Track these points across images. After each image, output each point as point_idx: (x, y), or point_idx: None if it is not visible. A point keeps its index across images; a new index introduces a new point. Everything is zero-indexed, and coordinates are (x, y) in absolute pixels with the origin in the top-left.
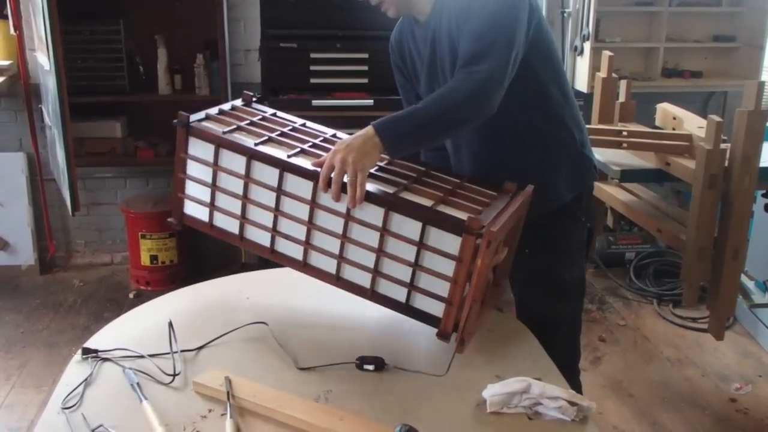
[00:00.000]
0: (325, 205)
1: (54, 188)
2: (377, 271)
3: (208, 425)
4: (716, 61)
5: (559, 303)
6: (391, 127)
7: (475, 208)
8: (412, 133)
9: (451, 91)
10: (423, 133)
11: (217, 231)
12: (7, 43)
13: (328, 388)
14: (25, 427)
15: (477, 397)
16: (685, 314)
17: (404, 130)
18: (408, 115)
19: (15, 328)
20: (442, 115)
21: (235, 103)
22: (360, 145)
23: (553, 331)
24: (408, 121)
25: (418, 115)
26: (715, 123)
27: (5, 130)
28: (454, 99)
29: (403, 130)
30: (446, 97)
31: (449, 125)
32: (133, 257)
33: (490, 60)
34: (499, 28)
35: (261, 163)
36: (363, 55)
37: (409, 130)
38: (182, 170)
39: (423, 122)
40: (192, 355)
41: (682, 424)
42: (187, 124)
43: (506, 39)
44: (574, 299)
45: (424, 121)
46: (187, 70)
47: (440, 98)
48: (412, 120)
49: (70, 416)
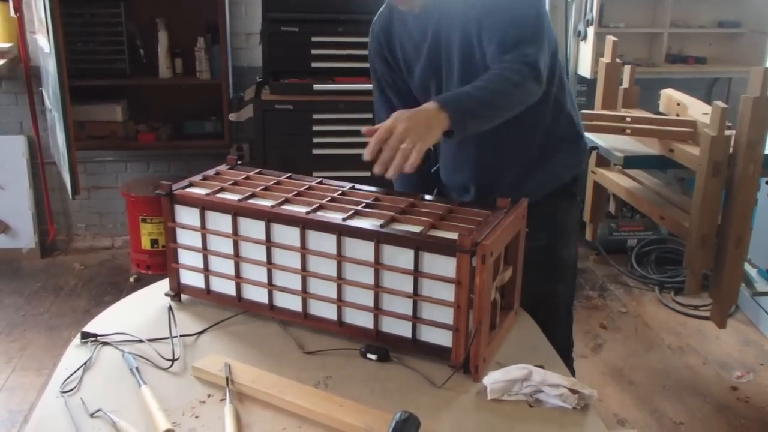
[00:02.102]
0: (316, 250)
1: (55, 171)
2: (378, 309)
3: (207, 410)
4: (721, 47)
5: (559, 283)
6: (457, 102)
7: (467, 227)
8: (476, 110)
9: (508, 73)
10: (486, 112)
11: (215, 296)
12: (7, 26)
13: (328, 374)
14: (26, 410)
15: (478, 385)
16: (686, 302)
17: (470, 106)
18: (470, 93)
19: (16, 311)
20: (503, 96)
21: (219, 168)
22: (425, 119)
23: (553, 313)
24: (473, 99)
25: (480, 93)
26: (720, 109)
27: (6, 113)
28: (513, 81)
29: (468, 107)
30: (505, 78)
31: (508, 107)
32: (134, 241)
33: (536, 44)
34: (536, 14)
35: (246, 217)
36: (365, 39)
37: (473, 107)
38: (172, 239)
39: (487, 101)
40: (192, 340)
41: (683, 412)
42: (170, 192)
43: (544, 22)
44: (571, 280)
45: (488, 99)
46: (188, 53)
47: (499, 79)
48: (476, 98)
49: (69, 400)
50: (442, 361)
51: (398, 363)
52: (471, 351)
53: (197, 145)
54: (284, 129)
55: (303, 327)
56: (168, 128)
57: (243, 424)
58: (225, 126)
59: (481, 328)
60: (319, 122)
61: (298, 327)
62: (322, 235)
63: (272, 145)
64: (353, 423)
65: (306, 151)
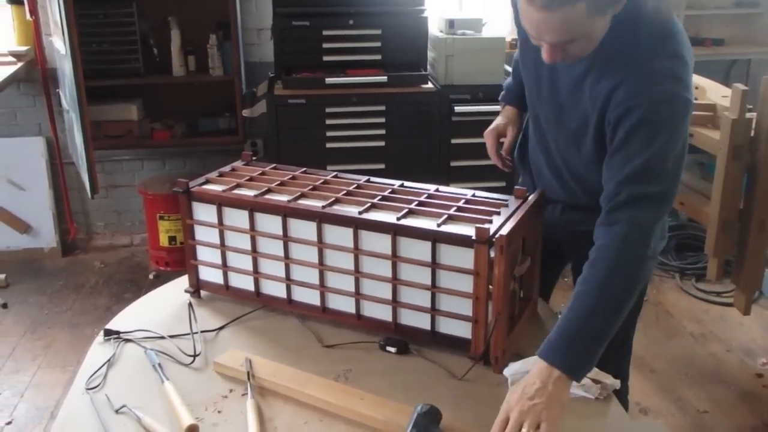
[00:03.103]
0: (333, 243)
1: (73, 171)
2: (396, 301)
3: (229, 405)
4: (739, 27)
5: None
6: (565, 356)
7: (485, 218)
8: (592, 348)
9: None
10: (604, 340)
11: (234, 292)
12: (23, 29)
13: (347, 367)
14: (52, 406)
15: (498, 376)
16: (708, 288)
17: (581, 353)
18: (581, 330)
19: (39, 309)
20: (617, 312)
21: (235, 164)
22: (539, 390)
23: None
24: (583, 341)
25: (591, 324)
26: (740, 92)
27: (24, 115)
28: (626, 287)
29: (580, 355)
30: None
31: (625, 311)
32: (152, 238)
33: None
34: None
35: (263, 213)
36: (376, 32)
37: (587, 346)
38: (191, 236)
39: (599, 333)
40: (212, 335)
41: (707, 400)
42: (187, 189)
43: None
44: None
45: (600, 331)
46: (201, 51)
47: (609, 287)
48: (588, 334)
49: (94, 397)
50: (462, 352)
51: (417, 355)
52: (490, 342)
53: (211, 141)
54: (297, 123)
55: (321, 321)
56: (182, 125)
57: (265, 418)
58: (238, 122)
59: (501, 319)
60: (332, 116)
61: (317, 321)
62: (338, 229)
63: (286, 139)
64: (374, 416)
65: (320, 145)
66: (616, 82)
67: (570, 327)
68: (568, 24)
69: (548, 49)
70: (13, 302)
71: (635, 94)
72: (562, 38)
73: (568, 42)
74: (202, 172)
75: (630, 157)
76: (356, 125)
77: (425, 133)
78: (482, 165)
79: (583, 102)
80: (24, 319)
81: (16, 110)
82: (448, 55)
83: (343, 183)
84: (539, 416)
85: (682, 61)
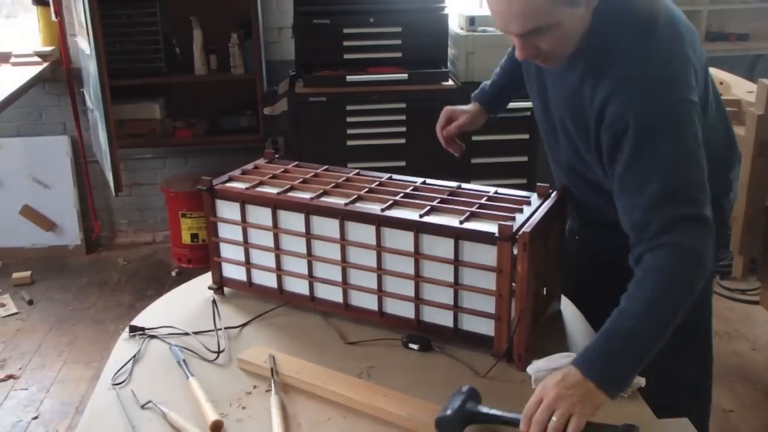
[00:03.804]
0: (356, 241)
1: (97, 170)
2: (419, 299)
3: (253, 401)
4: (764, 22)
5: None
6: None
7: (507, 215)
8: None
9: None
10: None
11: (257, 289)
12: (49, 30)
13: (370, 364)
14: (77, 402)
15: (521, 373)
16: (733, 286)
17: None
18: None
19: (64, 306)
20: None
21: (257, 162)
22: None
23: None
24: (625, 358)
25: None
26: (765, 87)
27: (50, 114)
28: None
29: (618, 373)
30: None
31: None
32: (174, 236)
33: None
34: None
35: (286, 210)
36: (396, 29)
37: (627, 367)
38: (214, 234)
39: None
40: (235, 332)
41: (733, 399)
42: (211, 187)
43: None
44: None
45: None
46: (222, 49)
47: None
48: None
49: (120, 392)
50: (485, 350)
51: (440, 352)
52: (514, 339)
53: (233, 139)
54: (318, 121)
55: (344, 318)
56: (204, 124)
57: (289, 414)
58: (260, 120)
59: (524, 317)
60: (353, 113)
61: (339, 318)
62: (361, 226)
63: (307, 137)
64: (398, 413)
65: (340, 143)
66: (607, 94)
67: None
68: (531, 11)
69: (518, 43)
70: (39, 299)
71: (628, 106)
72: (527, 27)
73: (536, 33)
74: (223, 169)
75: (645, 177)
76: (377, 123)
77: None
78: (502, 162)
79: (584, 113)
80: (49, 315)
81: (42, 110)
82: (469, 52)
83: (365, 180)
84: (573, 408)
85: (678, 57)
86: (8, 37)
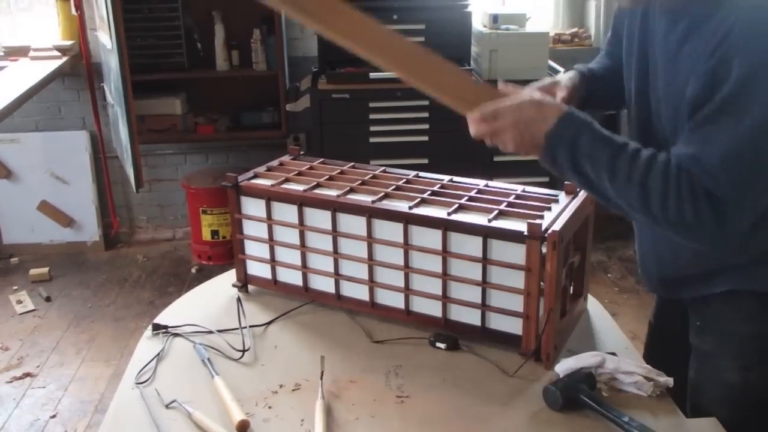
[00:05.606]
0: (382, 239)
1: (116, 165)
2: (446, 297)
3: (280, 400)
4: None
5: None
6: (572, 138)
7: (536, 214)
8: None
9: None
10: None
11: (282, 287)
12: (69, 24)
13: (398, 362)
14: (97, 399)
15: (550, 373)
16: None
17: (581, 142)
18: (597, 140)
19: (83, 302)
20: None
21: (282, 158)
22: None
23: None
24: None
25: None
26: None
27: (69, 110)
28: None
29: (579, 141)
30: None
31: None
32: (195, 232)
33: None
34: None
35: (312, 207)
36: (420, 26)
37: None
38: (239, 231)
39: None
40: (260, 330)
41: None
42: (236, 184)
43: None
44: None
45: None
46: (244, 45)
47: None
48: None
49: (144, 391)
50: (513, 349)
51: (468, 351)
52: (542, 338)
53: (255, 135)
54: (341, 118)
55: (370, 316)
56: (226, 120)
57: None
58: (282, 116)
59: (552, 316)
60: (376, 110)
61: (366, 316)
62: (388, 224)
63: (329, 134)
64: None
65: (363, 140)
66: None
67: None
68: None
69: None
70: (57, 296)
71: (735, 54)
72: None
73: None
74: (245, 166)
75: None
76: (400, 120)
77: (468, 127)
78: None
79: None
80: (68, 312)
81: (61, 104)
82: (492, 50)
83: (391, 178)
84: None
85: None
86: (26, 30)
